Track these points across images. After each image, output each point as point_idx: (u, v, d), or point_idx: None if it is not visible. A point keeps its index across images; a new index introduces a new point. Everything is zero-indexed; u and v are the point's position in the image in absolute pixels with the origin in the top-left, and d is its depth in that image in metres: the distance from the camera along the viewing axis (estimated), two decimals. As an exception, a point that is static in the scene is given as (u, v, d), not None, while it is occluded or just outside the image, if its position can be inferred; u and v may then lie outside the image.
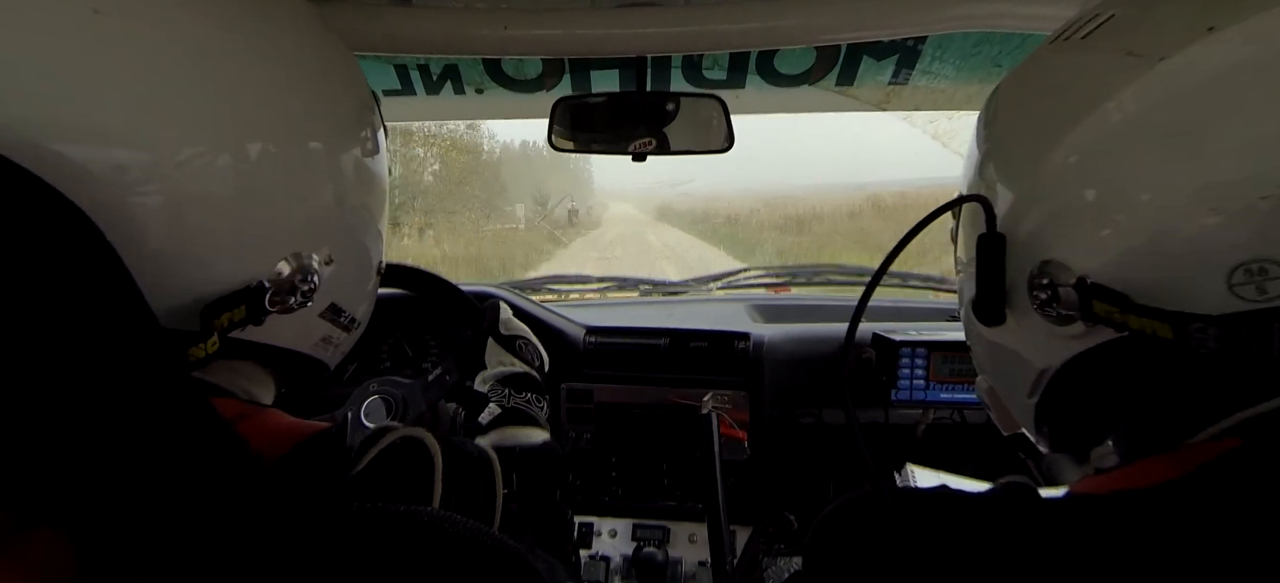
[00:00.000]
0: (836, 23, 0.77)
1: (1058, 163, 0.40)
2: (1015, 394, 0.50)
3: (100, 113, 0.32)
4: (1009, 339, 0.47)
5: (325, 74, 0.45)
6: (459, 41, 0.80)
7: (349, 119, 0.47)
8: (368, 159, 0.49)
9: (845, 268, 1.74)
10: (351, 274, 0.49)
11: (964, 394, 1.14)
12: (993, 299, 0.44)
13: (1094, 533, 0.35)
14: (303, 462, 0.42)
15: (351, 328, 0.53)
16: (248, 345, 0.42)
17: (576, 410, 1.27)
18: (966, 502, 0.41)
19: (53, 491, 0.26)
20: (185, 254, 0.35)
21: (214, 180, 0.36)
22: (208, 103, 0.36)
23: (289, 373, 0.49)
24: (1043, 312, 0.41)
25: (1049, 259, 0.40)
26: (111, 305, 0.28)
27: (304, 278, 0.42)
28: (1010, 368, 0.48)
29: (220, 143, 0.36)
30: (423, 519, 0.35)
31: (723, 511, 0.93)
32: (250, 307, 0.38)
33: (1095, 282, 0.37)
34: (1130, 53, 0.38)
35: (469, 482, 0.52)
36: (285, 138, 0.40)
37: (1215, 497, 0.33)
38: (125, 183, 0.32)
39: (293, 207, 0.41)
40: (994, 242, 0.43)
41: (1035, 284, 0.41)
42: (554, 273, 5.66)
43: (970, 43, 0.99)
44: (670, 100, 1.00)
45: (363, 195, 0.48)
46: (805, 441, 1.23)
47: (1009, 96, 0.50)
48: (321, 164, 0.43)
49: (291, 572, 0.31)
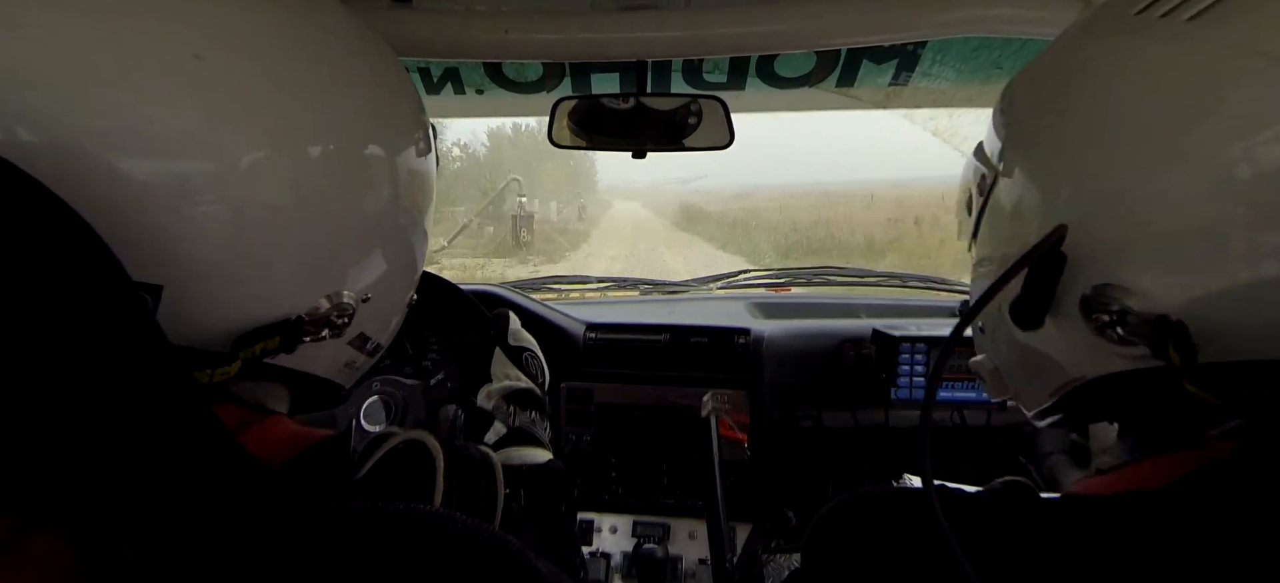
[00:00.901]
0: (836, 28, 0.77)
1: (1146, 177, 0.34)
2: (1029, 390, 0.47)
3: (161, 123, 0.31)
4: (1043, 343, 0.43)
5: (377, 78, 0.45)
6: (460, 45, 0.80)
7: (404, 121, 0.47)
8: (420, 161, 0.49)
9: (846, 269, 1.74)
10: (384, 306, 0.49)
11: (964, 393, 1.14)
12: (1037, 310, 0.40)
13: (1095, 533, 0.36)
14: (307, 467, 0.42)
15: (374, 354, 0.52)
16: (271, 368, 0.41)
17: (576, 412, 1.27)
18: (966, 501, 0.42)
19: (54, 494, 0.26)
20: (247, 265, 0.35)
21: (274, 188, 0.36)
22: (270, 109, 0.36)
23: (306, 392, 0.49)
24: (1101, 332, 0.36)
25: (1115, 284, 0.35)
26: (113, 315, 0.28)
27: (340, 314, 0.42)
28: (1035, 369, 0.45)
29: (281, 148, 0.36)
30: (423, 517, 0.36)
31: (722, 509, 0.93)
32: (284, 337, 0.39)
33: (1180, 321, 0.32)
34: (1263, 54, 0.30)
35: (470, 483, 0.52)
36: (345, 142, 0.40)
37: (1219, 497, 0.33)
38: (187, 192, 0.32)
39: (350, 213, 0.41)
40: (1054, 262, 0.38)
41: (1095, 304, 0.36)
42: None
43: (970, 46, 1.00)
44: (671, 100, 1.00)
45: (415, 197, 0.48)
46: (805, 442, 1.23)
47: (1062, 88, 0.42)
48: (379, 167, 0.43)
49: (292, 571, 0.31)
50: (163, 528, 0.28)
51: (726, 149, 1.03)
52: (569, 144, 1.05)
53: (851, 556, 0.43)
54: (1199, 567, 0.32)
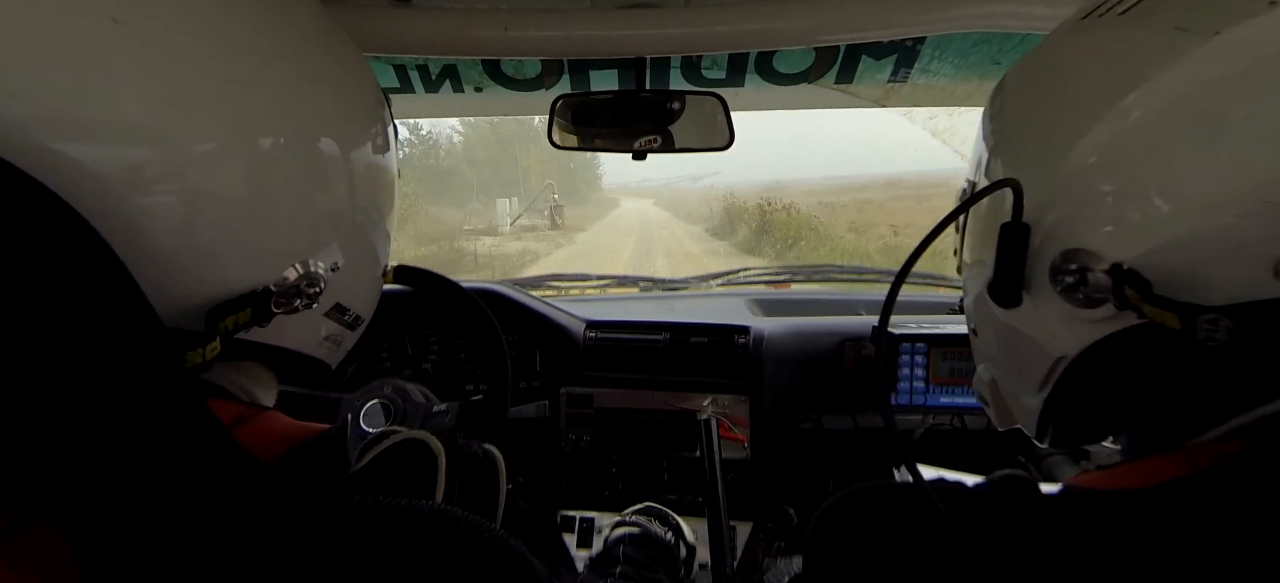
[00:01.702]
0: (835, 23, 0.77)
1: (1091, 148, 0.38)
2: (1023, 386, 0.49)
3: (112, 110, 0.31)
4: (1024, 323, 0.46)
5: (337, 72, 0.46)
6: (459, 42, 0.80)
7: (361, 117, 0.47)
8: (378, 156, 0.49)
9: (845, 266, 1.74)
10: (358, 275, 0.49)
11: (964, 398, 1.14)
12: (1012, 282, 0.43)
13: (1093, 527, 0.36)
14: (300, 462, 0.42)
15: (356, 326, 0.53)
16: (251, 346, 0.42)
17: (576, 415, 1.27)
18: (964, 493, 0.42)
19: (52, 489, 0.26)
20: (198, 253, 0.35)
21: (227, 178, 0.36)
22: (222, 99, 0.35)
23: (292, 372, 0.49)
24: (1068, 296, 0.40)
25: (1075, 248, 0.39)
26: (111, 308, 0.28)
27: (310, 282, 0.42)
28: (1022, 356, 0.47)
29: (234, 139, 0.36)
30: (424, 513, 0.36)
31: (723, 511, 0.93)
32: (256, 309, 0.39)
33: (1131, 268, 0.36)
34: (1179, 28, 0.35)
35: (472, 480, 0.52)
36: (299, 135, 0.40)
37: (1218, 497, 0.33)
38: (139, 181, 0.32)
39: (304, 205, 0.41)
40: (1018, 230, 0.42)
41: (1060, 269, 0.40)
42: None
43: (969, 42, 1.00)
44: (671, 98, 1.00)
45: (372, 193, 0.49)
46: (805, 444, 1.23)
47: (1026, 81, 0.48)
48: (334, 161, 0.43)
49: (294, 565, 0.31)
50: (159, 521, 0.28)
51: (726, 150, 1.03)
52: (567, 145, 1.04)
53: (854, 550, 0.43)
54: (1195, 564, 0.32)
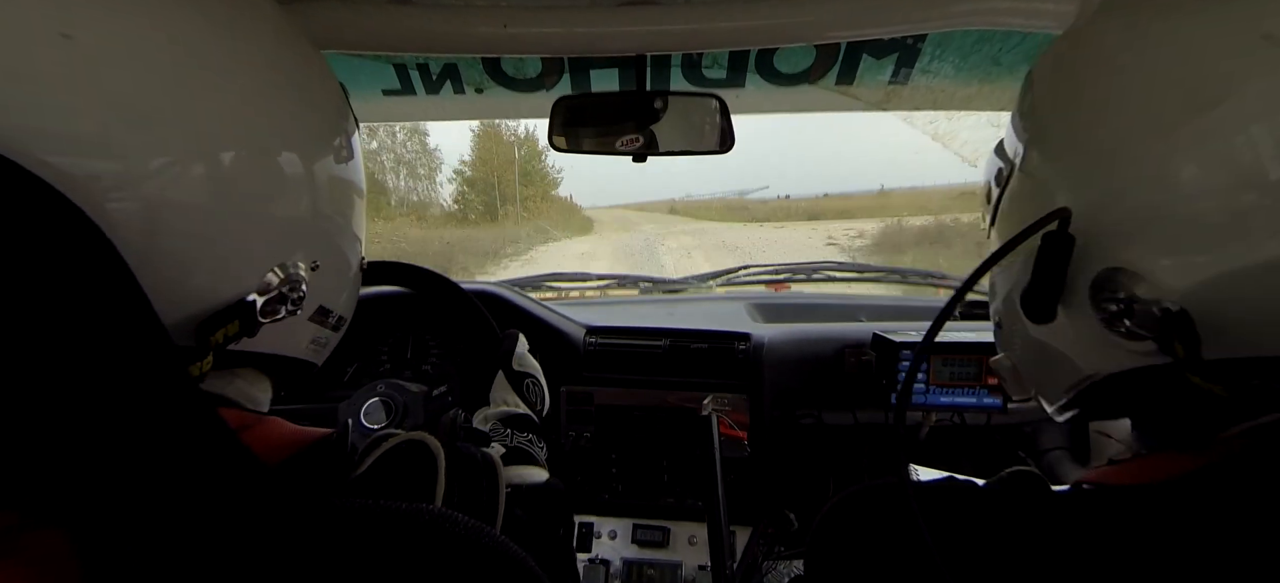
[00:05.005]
0: (836, 21, 0.77)
1: (1151, 161, 0.34)
2: (1046, 387, 0.47)
3: (71, 123, 0.30)
4: (1056, 339, 0.42)
5: (297, 82, 0.45)
6: (458, 40, 0.80)
7: (322, 126, 0.47)
8: (341, 165, 0.49)
9: (845, 265, 1.74)
10: (334, 277, 0.49)
11: (963, 399, 1.14)
12: (1047, 298, 0.40)
13: (1110, 523, 0.35)
14: (304, 465, 0.42)
15: (339, 326, 0.54)
16: (242, 354, 0.42)
17: (577, 412, 1.27)
18: (975, 492, 0.41)
19: (57, 492, 0.26)
20: (163, 265, 0.34)
21: (188, 189, 0.35)
22: (180, 113, 0.35)
23: (282, 376, 0.50)
24: (1110, 324, 0.36)
25: (1120, 268, 0.35)
26: (120, 313, 0.28)
27: (292, 287, 0.42)
28: (1050, 366, 0.45)
29: (193, 152, 0.35)
30: (425, 517, 0.35)
31: (723, 513, 0.92)
32: (243, 320, 0.39)
33: (1183, 310, 0.32)
34: (1268, 36, 0.30)
35: (471, 484, 0.52)
36: (260, 146, 0.40)
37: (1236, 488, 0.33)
38: (99, 190, 0.31)
39: (270, 215, 0.41)
40: (1062, 245, 0.38)
41: (1103, 292, 0.36)
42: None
43: (970, 41, 0.99)
44: (672, 100, 0.99)
45: (338, 200, 0.48)
46: (805, 441, 1.23)
47: (1072, 72, 0.42)
48: (297, 171, 0.43)
49: (295, 568, 0.31)
50: (165, 525, 0.28)
51: (726, 153, 1.02)
52: (568, 148, 1.04)
53: (857, 550, 0.43)
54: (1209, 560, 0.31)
